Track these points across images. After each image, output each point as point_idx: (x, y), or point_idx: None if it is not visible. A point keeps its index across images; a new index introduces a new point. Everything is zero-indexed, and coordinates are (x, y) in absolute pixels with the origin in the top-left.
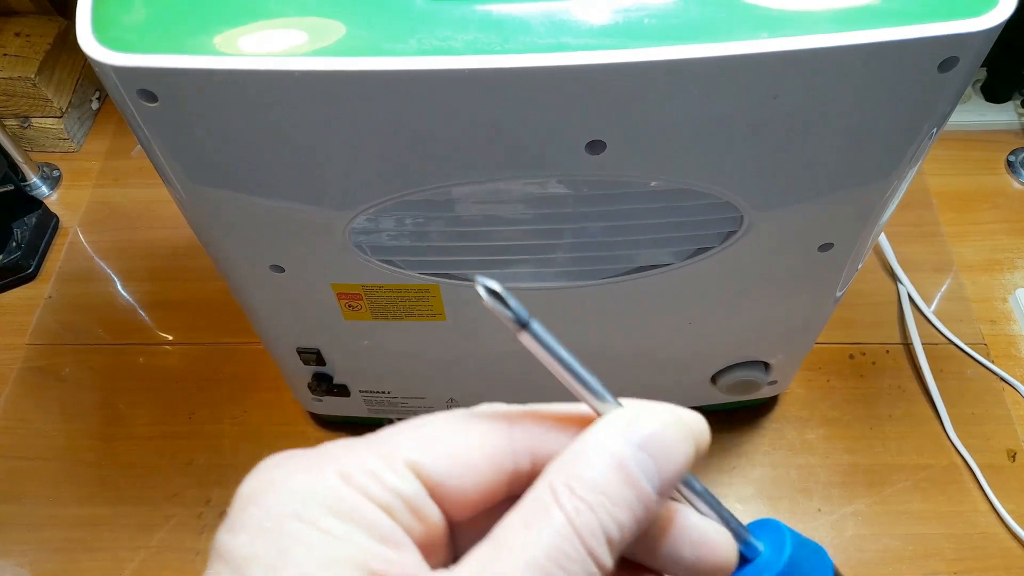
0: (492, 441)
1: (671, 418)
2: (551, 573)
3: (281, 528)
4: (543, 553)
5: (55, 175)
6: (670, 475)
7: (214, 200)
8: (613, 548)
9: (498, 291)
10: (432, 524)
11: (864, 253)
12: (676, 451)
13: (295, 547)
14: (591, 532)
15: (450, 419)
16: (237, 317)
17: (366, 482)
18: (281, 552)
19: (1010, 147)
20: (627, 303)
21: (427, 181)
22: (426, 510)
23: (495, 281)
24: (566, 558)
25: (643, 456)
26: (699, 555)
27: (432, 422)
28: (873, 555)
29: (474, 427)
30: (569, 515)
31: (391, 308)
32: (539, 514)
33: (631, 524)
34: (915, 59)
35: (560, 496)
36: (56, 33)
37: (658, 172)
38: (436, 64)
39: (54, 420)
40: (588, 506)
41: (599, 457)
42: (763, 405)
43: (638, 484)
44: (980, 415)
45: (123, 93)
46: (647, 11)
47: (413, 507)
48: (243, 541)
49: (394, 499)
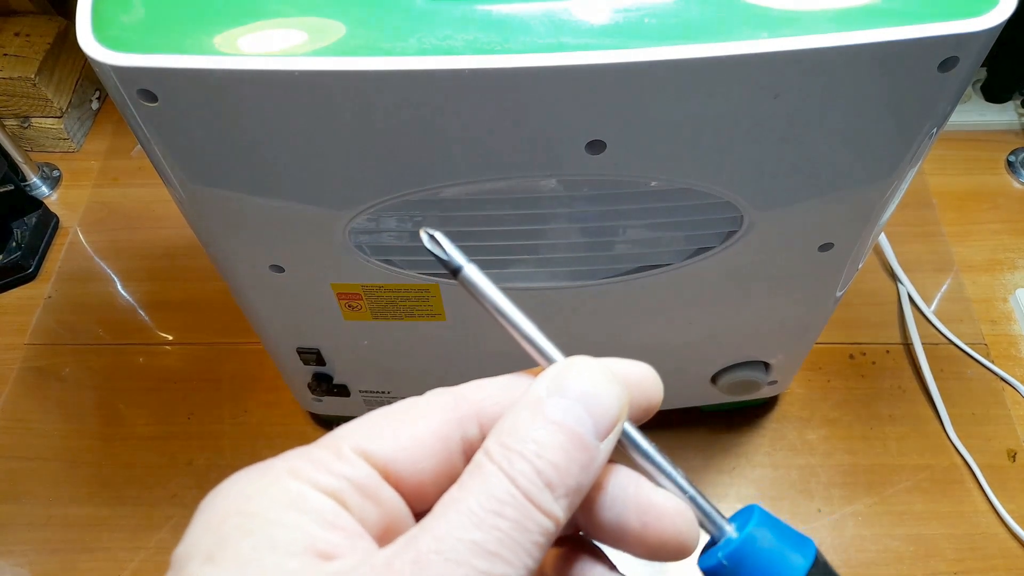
0: (436, 414)
1: (597, 366)
2: (490, 522)
3: (223, 523)
4: (478, 504)
5: (55, 175)
6: (602, 417)
7: (214, 200)
8: (557, 492)
9: (436, 237)
10: (390, 507)
11: (864, 253)
12: (603, 393)
13: (234, 535)
14: (526, 477)
15: (395, 405)
16: (237, 317)
17: (313, 473)
18: (220, 541)
19: (1010, 147)
20: (627, 303)
21: (427, 181)
22: (380, 493)
23: (438, 231)
24: (502, 504)
25: (566, 401)
26: (644, 522)
27: (378, 410)
28: (874, 555)
29: (417, 406)
30: (501, 465)
31: (391, 308)
32: (473, 472)
33: (571, 467)
34: (915, 59)
35: (493, 453)
36: (56, 33)
37: (658, 172)
38: (436, 64)
39: (54, 420)
40: (519, 454)
41: (526, 409)
42: (763, 405)
43: (567, 427)
44: (980, 415)
45: (123, 93)
46: (647, 11)
47: (365, 491)
48: (186, 543)
49: (343, 484)
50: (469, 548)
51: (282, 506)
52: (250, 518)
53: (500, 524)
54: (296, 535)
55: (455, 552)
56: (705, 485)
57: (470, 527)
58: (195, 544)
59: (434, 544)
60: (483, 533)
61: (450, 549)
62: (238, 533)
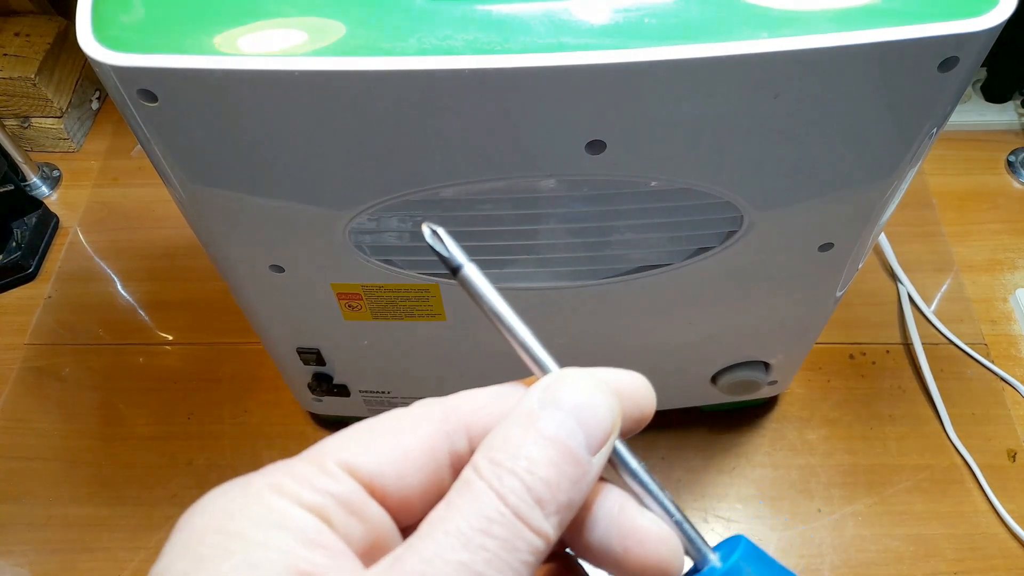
0: (424, 427)
1: (589, 378)
2: (478, 542)
3: (202, 541)
4: (467, 523)
5: (55, 175)
6: (594, 431)
7: (214, 200)
8: (547, 509)
9: (439, 232)
10: (376, 523)
11: (864, 253)
12: (596, 406)
13: (213, 556)
14: (516, 494)
15: (381, 417)
16: (237, 317)
17: (296, 489)
18: (198, 562)
19: (1010, 147)
20: (627, 303)
21: (427, 181)
22: (365, 509)
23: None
24: (491, 523)
25: (559, 414)
26: (626, 547)
27: (363, 423)
28: (874, 555)
29: (404, 418)
30: (491, 483)
31: (391, 308)
32: (462, 489)
33: (562, 482)
34: (915, 59)
35: (482, 469)
36: (56, 33)
37: (658, 172)
38: (436, 64)
39: (54, 420)
40: (508, 470)
41: (517, 422)
42: (763, 405)
43: (559, 440)
44: (980, 415)
45: (123, 93)
46: (647, 11)
47: (350, 507)
48: (162, 563)
49: (327, 501)
50: (456, 569)
51: (264, 525)
52: (230, 537)
53: (488, 544)
54: (276, 555)
55: (442, 573)
56: (705, 485)
57: (458, 547)
58: (171, 565)
59: (420, 566)
60: (470, 553)
61: (437, 571)
62: (217, 553)
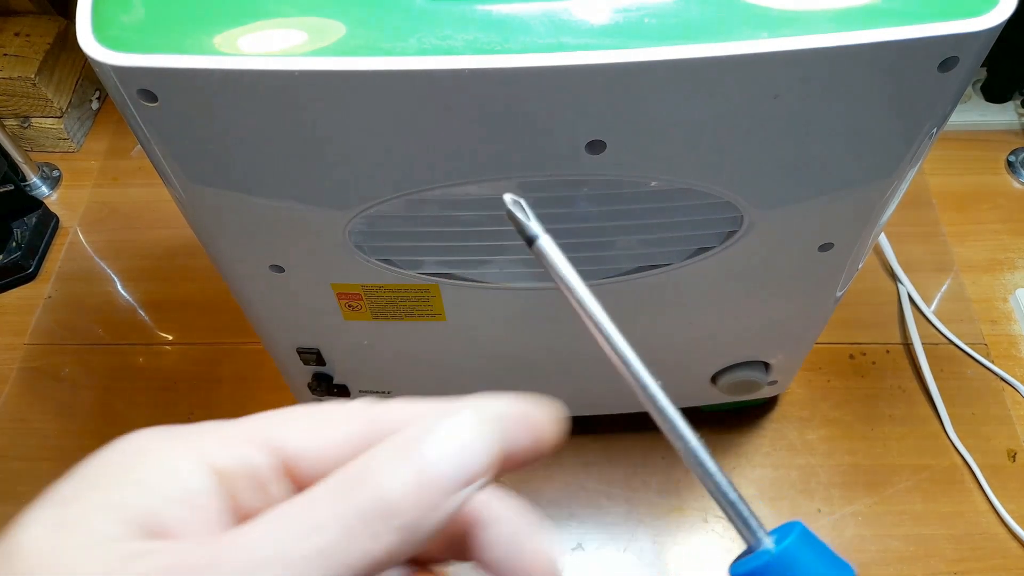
0: (356, 423)
1: (474, 416)
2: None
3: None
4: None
5: (55, 175)
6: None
7: (214, 200)
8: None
9: (522, 203)
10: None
11: (864, 253)
12: (470, 445)
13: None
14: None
15: (324, 404)
16: (237, 317)
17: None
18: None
19: (1010, 147)
20: (627, 303)
21: (427, 181)
22: (272, 486)
23: (521, 197)
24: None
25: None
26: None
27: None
28: (874, 555)
29: (339, 411)
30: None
31: (391, 308)
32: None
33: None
34: (915, 59)
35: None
36: (56, 33)
37: (658, 172)
38: (436, 64)
39: (53, 420)
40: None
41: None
42: (763, 405)
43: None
44: (980, 415)
45: (123, 93)
46: (647, 11)
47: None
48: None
49: (237, 468)
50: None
51: (155, 470)
52: (120, 470)
53: (314, 540)
54: (139, 502)
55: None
56: None
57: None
58: (67, 479)
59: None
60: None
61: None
62: (100, 483)
